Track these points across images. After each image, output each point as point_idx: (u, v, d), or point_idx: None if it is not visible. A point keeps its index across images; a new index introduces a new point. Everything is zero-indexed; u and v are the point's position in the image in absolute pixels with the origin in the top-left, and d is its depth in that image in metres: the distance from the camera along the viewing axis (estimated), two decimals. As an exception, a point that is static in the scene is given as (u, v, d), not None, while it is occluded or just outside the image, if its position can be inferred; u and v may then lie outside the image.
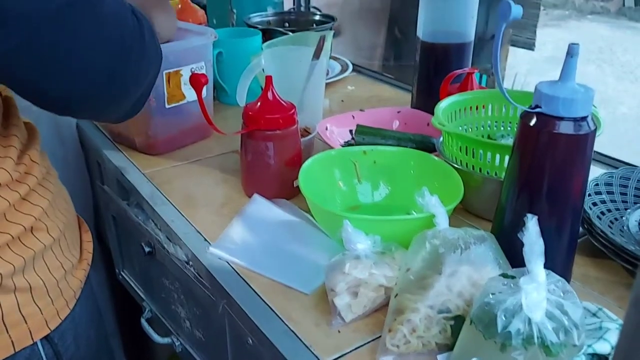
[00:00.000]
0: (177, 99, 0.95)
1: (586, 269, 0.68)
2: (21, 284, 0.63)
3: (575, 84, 0.55)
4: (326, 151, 0.81)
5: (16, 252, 0.62)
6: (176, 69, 0.93)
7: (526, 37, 2.21)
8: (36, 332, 0.65)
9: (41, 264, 0.65)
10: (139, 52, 0.58)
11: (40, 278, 0.65)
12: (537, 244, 0.50)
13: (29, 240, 0.64)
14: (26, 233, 0.63)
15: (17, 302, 0.62)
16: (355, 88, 1.29)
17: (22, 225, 0.63)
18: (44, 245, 0.65)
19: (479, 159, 0.74)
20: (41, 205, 0.66)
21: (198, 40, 0.97)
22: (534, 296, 0.50)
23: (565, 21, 6.65)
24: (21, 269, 0.63)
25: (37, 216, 0.65)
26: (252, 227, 0.74)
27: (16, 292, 0.62)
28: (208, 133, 1.03)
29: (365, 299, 0.61)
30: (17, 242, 0.62)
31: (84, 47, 0.53)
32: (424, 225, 0.64)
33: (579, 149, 0.57)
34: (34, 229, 0.65)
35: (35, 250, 0.64)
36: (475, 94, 0.87)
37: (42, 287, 0.65)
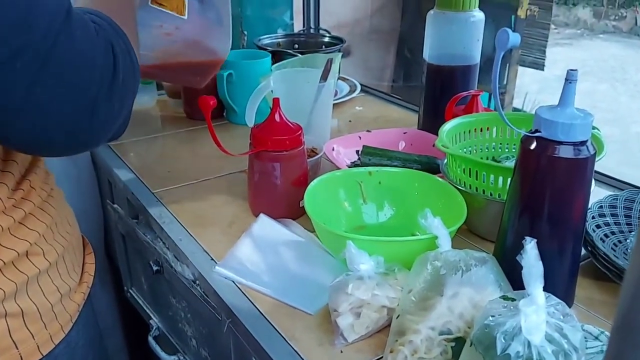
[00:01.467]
0: (172, 6, 0.77)
1: (590, 291, 0.68)
2: (12, 309, 0.61)
3: (574, 109, 0.56)
4: (331, 172, 0.82)
5: (8, 278, 0.61)
6: None
7: (535, 57, 2.23)
8: (27, 358, 0.63)
9: (35, 288, 0.64)
10: (107, 96, 0.54)
11: (33, 303, 0.63)
12: (536, 266, 0.51)
13: (23, 265, 0.62)
14: (20, 258, 0.62)
15: (8, 327, 0.61)
16: (364, 108, 1.30)
17: (15, 250, 0.61)
18: (39, 270, 0.64)
19: (482, 180, 0.75)
20: (38, 229, 0.64)
21: None
22: (533, 319, 0.50)
23: (577, 40, 6.66)
24: (13, 294, 0.61)
25: (33, 241, 0.63)
26: (258, 247, 0.75)
27: (7, 317, 0.61)
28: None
29: (368, 319, 0.61)
30: (10, 266, 0.61)
31: (42, 97, 0.49)
32: (427, 246, 0.65)
33: (578, 173, 0.57)
34: (29, 254, 0.63)
35: (29, 275, 0.63)
36: (479, 116, 0.88)
37: (35, 312, 0.63)
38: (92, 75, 0.52)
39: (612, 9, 7.13)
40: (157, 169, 1.00)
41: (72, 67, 0.50)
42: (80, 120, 0.53)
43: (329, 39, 1.44)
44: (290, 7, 1.56)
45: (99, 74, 0.52)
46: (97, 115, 0.53)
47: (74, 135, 0.54)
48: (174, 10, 0.77)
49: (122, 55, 0.55)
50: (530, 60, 2.21)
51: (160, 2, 0.76)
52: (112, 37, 0.55)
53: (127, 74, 0.56)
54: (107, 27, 0.56)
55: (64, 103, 0.51)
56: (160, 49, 0.82)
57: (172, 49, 0.83)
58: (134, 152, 1.07)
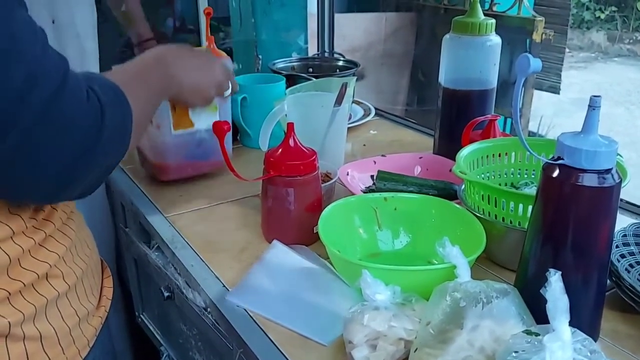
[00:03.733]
0: (185, 126, 0.96)
1: (615, 324, 0.65)
2: (31, 333, 0.61)
3: (598, 136, 0.55)
4: (346, 197, 0.80)
5: (28, 300, 0.61)
6: None
7: (551, 80, 2.21)
8: None
9: (54, 311, 0.64)
10: (89, 159, 0.55)
11: (52, 326, 0.63)
12: (562, 300, 0.49)
13: (43, 287, 0.62)
14: (40, 280, 0.62)
15: (26, 351, 0.61)
16: (378, 132, 1.29)
17: (35, 272, 0.61)
18: (58, 293, 0.64)
19: (501, 208, 0.73)
20: (58, 251, 0.64)
21: None
22: (558, 355, 0.48)
23: (591, 63, 6.63)
24: (32, 317, 0.61)
25: (53, 263, 0.63)
26: (270, 275, 0.73)
27: (25, 340, 0.61)
28: (225, 169, 0.97)
29: (385, 352, 0.59)
30: (30, 289, 0.61)
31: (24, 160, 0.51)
32: (445, 276, 0.63)
33: (603, 201, 0.55)
34: (48, 276, 0.63)
35: (49, 298, 0.63)
36: (497, 141, 0.87)
37: (53, 336, 0.63)
38: (69, 141, 0.53)
39: (627, 33, 7.11)
40: (170, 193, 1.00)
41: (52, 131, 0.52)
42: (59, 182, 0.55)
43: (343, 62, 1.44)
44: (304, 31, 1.57)
45: (78, 139, 0.54)
46: (75, 176, 0.55)
47: (37, 189, 0.55)
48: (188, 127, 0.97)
49: (111, 126, 0.56)
50: (545, 84, 2.19)
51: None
52: (107, 105, 0.56)
53: (111, 135, 0.56)
54: (104, 95, 0.57)
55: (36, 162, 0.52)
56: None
57: None
58: (146, 176, 1.07)
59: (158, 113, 0.94)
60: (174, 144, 0.97)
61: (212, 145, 1.00)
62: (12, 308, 0.60)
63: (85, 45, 1.08)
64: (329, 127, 1.01)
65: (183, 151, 0.99)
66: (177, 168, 1.00)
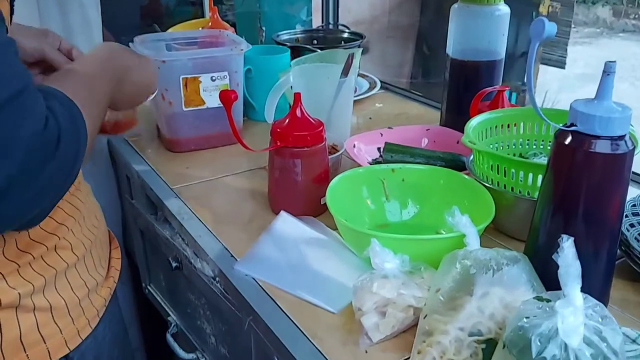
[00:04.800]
0: (196, 103, 1.01)
1: (625, 293, 0.65)
2: (41, 304, 0.61)
3: (612, 102, 0.54)
4: (354, 169, 0.80)
5: (37, 271, 0.61)
6: (194, 75, 0.99)
7: (558, 55, 2.18)
8: (55, 352, 0.63)
9: (63, 282, 0.64)
10: (29, 183, 0.48)
11: (61, 297, 0.64)
12: (574, 266, 0.48)
13: (52, 259, 0.63)
14: (49, 252, 0.62)
15: (37, 321, 0.61)
16: (384, 105, 1.28)
17: (44, 245, 0.62)
18: (67, 264, 0.64)
19: (510, 177, 0.73)
20: (66, 223, 0.65)
21: (220, 51, 1.03)
22: (570, 321, 0.48)
23: (596, 39, 6.55)
24: (41, 288, 0.61)
25: (62, 235, 0.64)
26: (279, 245, 0.73)
27: (35, 311, 0.61)
28: (234, 140, 1.01)
29: (394, 319, 0.59)
30: (39, 260, 0.61)
31: None
32: (453, 245, 0.63)
33: (616, 169, 0.55)
34: (57, 248, 0.64)
35: (58, 269, 0.63)
36: (506, 111, 0.86)
37: (63, 307, 0.64)
38: (11, 153, 0.46)
39: (632, 8, 7.01)
40: (176, 165, 0.99)
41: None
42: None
43: (348, 34, 1.42)
44: (308, 4, 1.54)
45: (23, 152, 0.47)
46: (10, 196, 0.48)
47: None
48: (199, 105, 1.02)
49: (69, 148, 0.51)
50: (553, 59, 2.17)
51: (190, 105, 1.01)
52: (62, 119, 0.50)
53: (63, 163, 0.51)
54: (64, 117, 0.51)
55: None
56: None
57: None
58: (151, 149, 1.06)
59: (170, 89, 0.97)
60: (185, 119, 1.02)
61: (222, 119, 1.00)
62: (22, 279, 0.60)
63: (89, 14, 1.06)
64: (335, 98, 1.00)
65: (194, 126, 1.03)
66: (188, 141, 1.04)
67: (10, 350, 0.60)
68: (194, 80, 0.99)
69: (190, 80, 0.99)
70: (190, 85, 0.99)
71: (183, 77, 0.98)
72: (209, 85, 1.01)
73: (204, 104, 1.02)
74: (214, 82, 1.01)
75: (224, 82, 1.02)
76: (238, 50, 1.02)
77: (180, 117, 1.01)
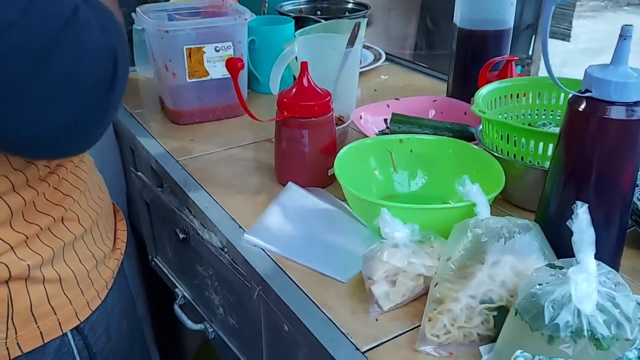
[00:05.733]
0: (200, 74, 1.00)
1: (635, 261, 0.65)
2: (50, 275, 0.62)
3: (628, 67, 0.53)
4: (362, 139, 0.79)
5: (45, 243, 0.61)
6: (198, 45, 0.98)
7: (563, 27, 2.15)
8: (65, 324, 0.64)
9: (72, 254, 0.64)
10: (104, 104, 0.53)
11: (70, 269, 0.64)
12: (588, 232, 0.48)
13: (59, 230, 0.63)
14: (56, 223, 0.62)
15: (47, 293, 0.61)
16: (389, 77, 1.27)
17: (51, 216, 0.62)
18: (75, 236, 0.64)
19: (520, 147, 0.72)
20: (72, 195, 0.65)
21: (224, 20, 1.01)
22: (583, 287, 0.48)
23: (600, 12, 6.47)
24: (50, 259, 0.62)
25: (68, 206, 0.64)
26: (287, 215, 0.73)
27: (45, 283, 0.61)
28: (238, 112, 1.05)
29: (404, 287, 0.59)
30: (47, 232, 0.61)
31: (41, 91, 0.48)
32: (463, 214, 0.62)
33: (631, 136, 0.54)
34: (64, 219, 0.64)
35: (65, 241, 0.63)
36: (516, 81, 0.85)
37: (72, 278, 0.64)
38: (88, 84, 0.51)
39: (638, -20, 6.91)
40: (180, 137, 0.99)
41: (71, 69, 0.49)
42: (80, 115, 0.52)
43: (353, 5, 1.40)
44: (312, -26, 1.52)
45: (96, 82, 0.51)
46: (93, 115, 0.53)
47: (68, 130, 0.52)
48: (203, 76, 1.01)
49: (122, 62, 0.54)
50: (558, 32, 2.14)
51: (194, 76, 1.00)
52: (116, 40, 0.53)
53: (119, 88, 0.54)
54: (111, 29, 0.54)
55: (60, 100, 0.50)
56: None
57: None
58: (155, 121, 1.06)
59: (174, 60, 0.96)
60: (189, 90, 1.00)
61: (226, 90, 1.03)
62: (31, 251, 0.60)
63: None
64: (341, 69, 0.98)
65: (198, 97, 1.02)
66: (192, 113, 1.03)
67: (21, 322, 0.60)
68: (198, 51, 0.98)
69: (194, 51, 0.98)
70: (194, 56, 0.98)
71: (187, 47, 0.97)
72: (213, 55, 1.00)
73: (208, 75, 1.01)
74: (218, 52, 1.00)
75: (228, 53, 1.01)
76: (242, 20, 1.00)
77: (184, 89, 1.00)
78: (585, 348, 0.47)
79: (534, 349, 0.49)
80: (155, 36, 0.98)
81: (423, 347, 0.55)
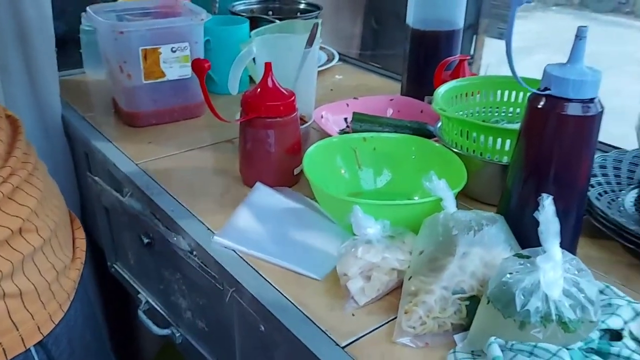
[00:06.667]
0: (156, 75, 0.99)
1: (588, 249, 0.70)
2: (10, 290, 0.60)
3: (584, 66, 0.56)
4: (328, 138, 0.81)
5: (4, 257, 0.59)
6: (153, 46, 0.96)
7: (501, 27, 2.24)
8: (28, 339, 0.62)
9: (31, 266, 0.63)
10: None
11: (30, 282, 0.62)
12: (553, 223, 0.51)
13: (18, 242, 0.61)
14: (14, 235, 0.61)
15: (7, 308, 0.60)
16: (344, 77, 1.29)
17: (9, 228, 0.60)
18: (34, 247, 0.63)
19: (479, 143, 0.75)
20: (29, 204, 0.63)
21: (180, 20, 1.00)
22: (551, 275, 0.51)
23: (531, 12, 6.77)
24: (10, 273, 0.60)
25: (25, 217, 0.62)
26: (257, 215, 0.73)
27: (5, 298, 0.60)
28: (196, 113, 1.05)
29: (379, 282, 0.61)
30: (5, 245, 0.60)
31: None
32: (430, 209, 0.65)
33: (587, 130, 0.58)
34: (22, 231, 0.62)
35: (25, 254, 0.61)
36: (472, 79, 0.88)
37: (33, 292, 0.62)
38: None
39: (564, -19, 7.27)
40: (138, 140, 0.97)
41: None
42: None
43: (305, 5, 1.41)
44: (261, -26, 1.51)
45: None
46: None
47: None
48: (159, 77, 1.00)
49: None
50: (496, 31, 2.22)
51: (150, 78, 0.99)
52: None
53: None
54: None
55: None
56: None
57: None
58: (109, 124, 1.03)
59: (129, 62, 0.94)
60: (145, 92, 0.99)
61: (183, 91, 1.02)
62: None
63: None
64: (300, 69, 0.99)
65: (154, 99, 1.00)
66: (149, 115, 1.01)
67: None
68: (154, 52, 0.97)
69: (149, 52, 0.96)
70: (149, 57, 0.96)
71: (142, 48, 0.95)
72: (169, 56, 0.99)
73: (165, 76, 0.99)
74: (174, 53, 0.99)
75: (185, 54, 1.00)
76: (198, 20, 0.99)
77: (140, 90, 0.98)
78: (554, 332, 0.50)
79: (506, 335, 0.52)
80: (108, 37, 0.96)
81: (400, 339, 0.56)
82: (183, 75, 1.00)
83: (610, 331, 0.54)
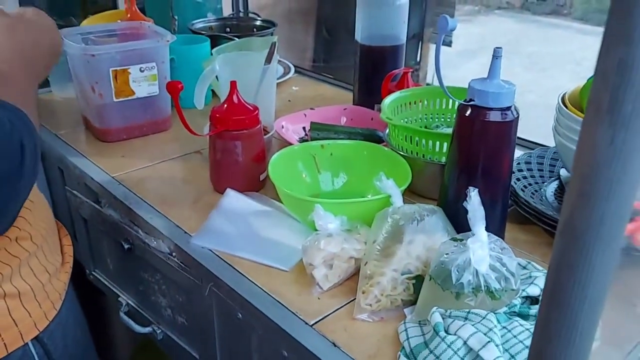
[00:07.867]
0: (126, 94, 1.07)
1: (515, 233, 0.82)
2: (10, 290, 0.68)
3: (500, 80, 0.68)
4: (289, 147, 0.90)
5: (3, 262, 0.67)
6: (123, 67, 1.04)
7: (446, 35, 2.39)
8: (26, 334, 0.70)
9: (27, 270, 0.71)
10: (15, 188, 0.59)
11: (27, 283, 0.70)
12: (479, 210, 0.62)
13: (15, 249, 0.69)
14: (11, 243, 0.68)
15: (8, 307, 0.68)
16: (300, 89, 1.39)
17: (7, 236, 0.68)
18: (29, 253, 0.70)
19: (421, 146, 0.86)
20: (24, 215, 0.71)
21: (148, 43, 1.08)
22: (479, 253, 0.62)
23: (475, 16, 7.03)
24: (9, 276, 0.68)
25: (21, 226, 0.70)
26: (229, 218, 0.82)
27: (6, 297, 0.68)
28: (163, 127, 1.14)
29: (339, 269, 0.71)
30: (3, 251, 0.67)
31: None
32: (381, 205, 0.75)
33: (505, 133, 0.70)
34: (18, 239, 0.70)
35: (21, 258, 0.69)
36: (414, 90, 1.00)
37: (29, 292, 0.70)
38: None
39: (505, -14, 7.55)
40: (111, 154, 1.04)
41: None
42: None
43: (261, 22, 1.50)
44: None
45: (4, 171, 0.57)
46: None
47: None
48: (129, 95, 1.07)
49: (30, 155, 0.59)
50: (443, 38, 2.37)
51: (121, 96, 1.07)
52: (25, 136, 0.59)
53: (29, 171, 0.60)
54: (19, 125, 0.59)
55: None
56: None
57: None
58: (81, 140, 1.10)
59: (100, 82, 1.01)
60: (116, 109, 1.07)
61: (151, 108, 1.10)
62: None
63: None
64: (260, 84, 1.08)
65: (125, 115, 1.08)
66: (120, 130, 1.09)
67: None
68: (124, 72, 1.04)
69: (120, 72, 1.04)
70: (120, 77, 1.04)
71: (113, 69, 1.03)
72: (138, 76, 1.06)
73: (134, 94, 1.07)
74: (142, 72, 1.07)
75: (152, 73, 1.08)
76: (164, 42, 1.07)
77: (111, 108, 1.06)
78: (483, 300, 0.61)
79: (446, 305, 0.62)
80: (80, 60, 1.03)
81: (359, 315, 0.67)
82: (151, 92, 1.08)
83: (530, 298, 0.66)
